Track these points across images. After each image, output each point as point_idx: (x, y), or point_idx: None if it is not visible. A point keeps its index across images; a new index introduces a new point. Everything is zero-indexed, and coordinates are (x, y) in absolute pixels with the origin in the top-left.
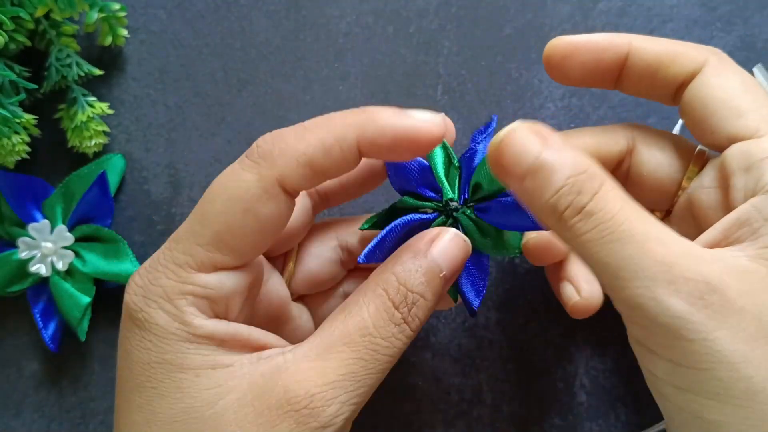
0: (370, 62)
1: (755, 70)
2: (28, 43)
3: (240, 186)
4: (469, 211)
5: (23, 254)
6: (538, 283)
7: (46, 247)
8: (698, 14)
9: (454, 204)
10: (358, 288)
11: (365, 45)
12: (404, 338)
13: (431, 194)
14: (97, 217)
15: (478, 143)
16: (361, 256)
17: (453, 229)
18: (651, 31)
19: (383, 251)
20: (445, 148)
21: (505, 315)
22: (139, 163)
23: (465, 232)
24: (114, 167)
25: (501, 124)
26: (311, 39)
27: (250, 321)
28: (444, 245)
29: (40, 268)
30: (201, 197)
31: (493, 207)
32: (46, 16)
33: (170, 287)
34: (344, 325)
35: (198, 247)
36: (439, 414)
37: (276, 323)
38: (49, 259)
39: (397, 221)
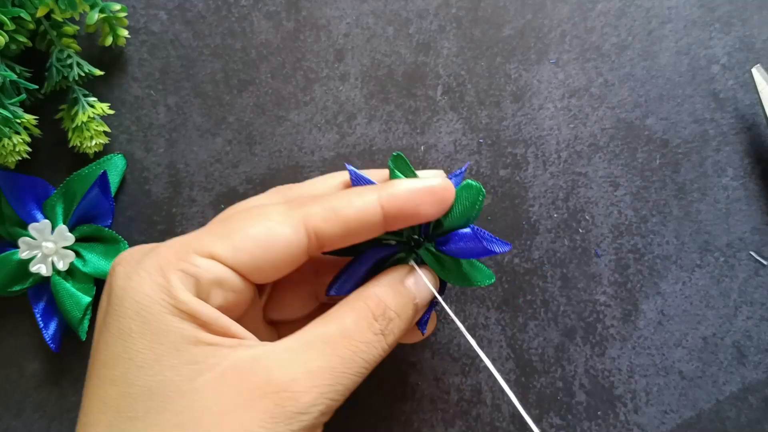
0: (370, 63)
1: (753, 71)
2: (29, 44)
3: (276, 219)
4: (431, 246)
5: (24, 254)
6: (538, 282)
7: (47, 247)
8: (697, 15)
9: (416, 238)
10: (337, 304)
11: (365, 46)
12: (380, 349)
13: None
14: (97, 217)
15: None
16: (332, 290)
17: (425, 266)
18: (650, 32)
19: (352, 283)
20: None
21: (504, 315)
22: (139, 163)
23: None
24: (114, 167)
25: (501, 124)
26: (311, 40)
27: None
28: (418, 278)
29: (40, 268)
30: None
31: (452, 238)
32: (47, 16)
33: (165, 260)
34: (325, 328)
35: (209, 238)
36: (439, 413)
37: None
38: (50, 259)
39: (366, 255)
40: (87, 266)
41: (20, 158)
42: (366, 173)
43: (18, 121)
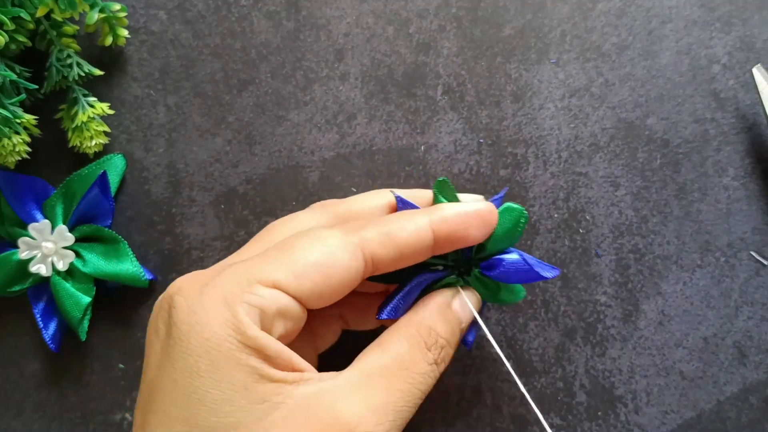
0: (370, 63)
1: (754, 70)
2: (29, 44)
3: (335, 245)
4: (477, 271)
5: (24, 254)
6: (538, 283)
7: (47, 247)
8: (697, 15)
9: (464, 262)
10: (389, 329)
11: (365, 45)
12: (433, 378)
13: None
14: (97, 217)
15: None
16: (383, 314)
17: (469, 288)
18: (650, 32)
19: (404, 307)
20: None
21: (504, 315)
22: (139, 163)
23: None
24: (114, 167)
25: (501, 124)
26: (311, 39)
27: None
28: (463, 301)
29: (40, 269)
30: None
31: (499, 263)
32: (47, 16)
33: (230, 292)
34: (381, 359)
35: (270, 265)
36: (439, 414)
37: None
38: (50, 259)
39: (417, 279)
40: (87, 266)
41: (20, 158)
42: (407, 194)
43: (18, 120)
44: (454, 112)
